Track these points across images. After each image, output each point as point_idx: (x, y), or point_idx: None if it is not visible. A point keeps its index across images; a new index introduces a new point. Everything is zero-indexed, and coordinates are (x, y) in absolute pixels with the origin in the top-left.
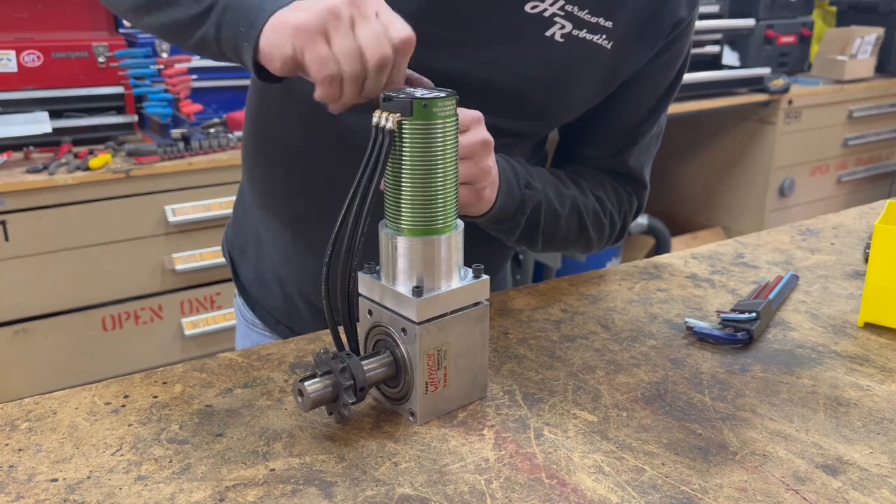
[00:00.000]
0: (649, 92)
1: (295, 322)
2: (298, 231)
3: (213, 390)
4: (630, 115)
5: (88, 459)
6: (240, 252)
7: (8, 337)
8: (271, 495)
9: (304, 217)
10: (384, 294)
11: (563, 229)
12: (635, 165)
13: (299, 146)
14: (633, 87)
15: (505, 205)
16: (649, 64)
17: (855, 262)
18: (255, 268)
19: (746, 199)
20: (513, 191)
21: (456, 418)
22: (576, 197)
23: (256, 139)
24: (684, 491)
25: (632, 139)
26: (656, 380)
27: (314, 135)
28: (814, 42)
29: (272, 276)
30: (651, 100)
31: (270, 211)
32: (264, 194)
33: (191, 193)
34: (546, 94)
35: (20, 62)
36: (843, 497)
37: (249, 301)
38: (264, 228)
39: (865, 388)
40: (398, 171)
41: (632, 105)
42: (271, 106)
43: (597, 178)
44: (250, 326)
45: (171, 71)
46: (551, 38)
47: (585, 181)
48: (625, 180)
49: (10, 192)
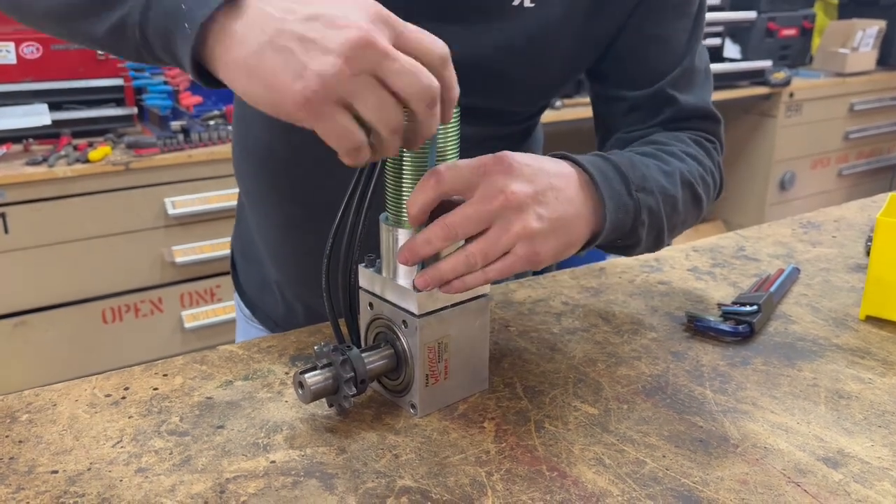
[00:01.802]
0: (670, 24)
1: (291, 326)
2: (290, 234)
3: (213, 382)
4: (666, 55)
5: (89, 451)
6: (241, 256)
7: (8, 329)
8: (272, 487)
9: (295, 220)
10: (385, 287)
11: (682, 214)
12: (700, 103)
13: (284, 153)
14: (647, 27)
15: (618, 223)
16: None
17: (856, 255)
18: (254, 273)
19: (747, 192)
20: (622, 202)
21: (457, 410)
22: (681, 170)
23: (242, 144)
24: (685, 483)
25: (685, 79)
26: (657, 372)
27: (298, 142)
28: (815, 35)
29: (271, 281)
30: (678, 30)
31: (262, 214)
32: (254, 198)
33: (190, 186)
34: (526, 62)
35: (19, 54)
36: (845, 489)
37: (248, 302)
38: (258, 232)
39: (867, 381)
40: (399, 164)
41: (662, 46)
42: (252, 112)
43: (675, 136)
44: (250, 322)
45: None
46: (520, 6)
47: (672, 144)
48: (697, 123)
49: (10, 184)
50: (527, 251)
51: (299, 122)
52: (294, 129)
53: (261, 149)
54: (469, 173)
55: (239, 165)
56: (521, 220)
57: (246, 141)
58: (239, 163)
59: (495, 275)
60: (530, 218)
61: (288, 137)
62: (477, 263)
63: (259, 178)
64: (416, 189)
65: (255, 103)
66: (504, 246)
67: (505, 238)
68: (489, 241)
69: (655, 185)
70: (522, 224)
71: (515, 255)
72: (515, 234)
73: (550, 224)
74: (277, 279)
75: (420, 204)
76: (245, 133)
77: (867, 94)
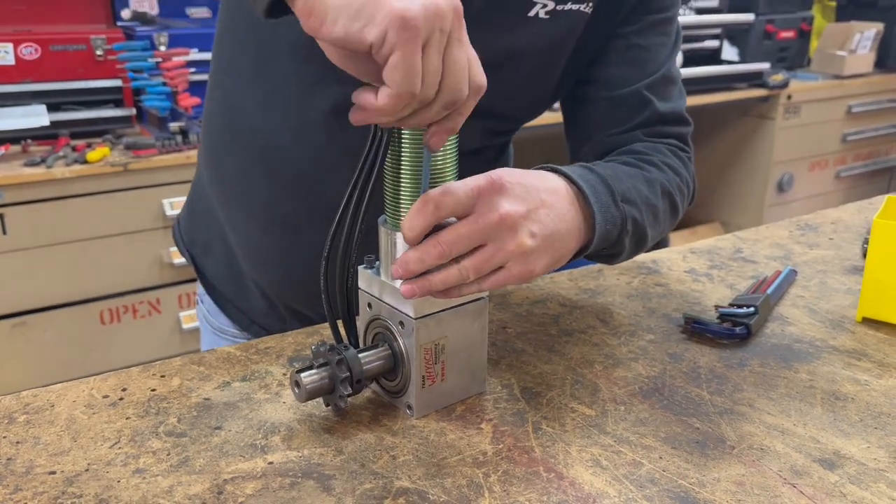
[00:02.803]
0: (652, 39)
1: (274, 323)
2: (280, 235)
3: (210, 383)
4: (647, 63)
5: (86, 452)
6: (202, 249)
7: (6, 330)
8: (269, 488)
9: (289, 219)
10: (383, 289)
11: (661, 224)
12: (675, 108)
13: (284, 144)
14: (633, 38)
15: (605, 234)
16: (634, 10)
17: (853, 257)
18: (225, 264)
19: (745, 194)
20: (609, 214)
21: (454, 412)
22: (661, 181)
23: (227, 133)
24: (682, 485)
25: (663, 85)
26: (654, 374)
27: (303, 133)
28: (813, 37)
29: (247, 278)
30: (658, 45)
31: (243, 212)
32: (236, 194)
33: (189, 187)
34: (533, 70)
35: (18, 55)
36: (840, 491)
37: (219, 299)
38: (233, 230)
39: (863, 382)
40: (397, 167)
41: (645, 54)
42: (247, 97)
43: (654, 147)
44: (218, 334)
45: (170, 64)
46: (535, 17)
47: (651, 155)
48: (672, 129)
49: (8, 185)
50: (520, 269)
51: (362, 46)
52: (302, 121)
53: (256, 138)
54: (464, 197)
55: (217, 157)
56: (515, 239)
57: (235, 129)
58: (217, 154)
59: (488, 287)
60: (524, 236)
61: (293, 129)
62: (469, 277)
63: (248, 171)
64: (411, 213)
65: (335, 8)
66: (497, 263)
67: (499, 256)
68: (483, 258)
69: (639, 196)
70: (516, 243)
71: (509, 271)
72: (509, 252)
73: (543, 241)
74: (256, 279)
75: (418, 229)
76: (235, 120)
77: (865, 97)
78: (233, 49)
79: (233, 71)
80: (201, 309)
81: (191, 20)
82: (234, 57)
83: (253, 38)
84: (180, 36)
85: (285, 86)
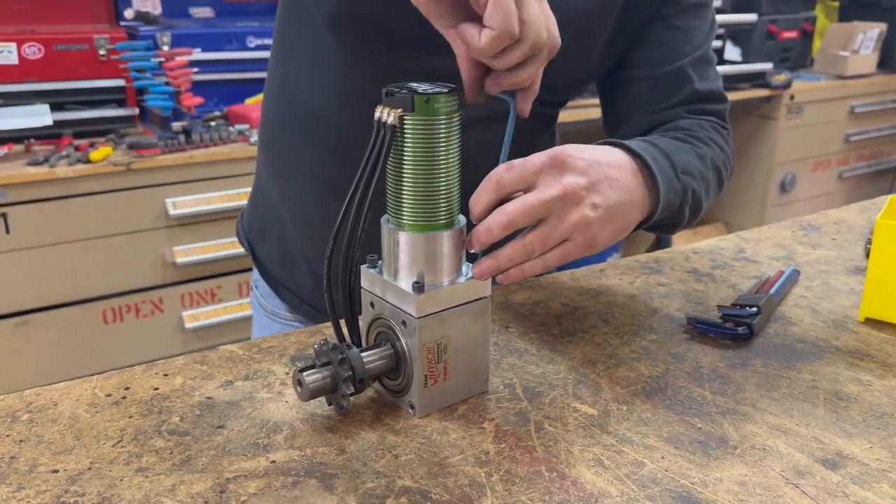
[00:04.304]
0: (690, 21)
1: (319, 300)
2: (329, 200)
3: (213, 382)
4: (686, 43)
5: (89, 451)
6: (258, 235)
7: (9, 329)
8: (272, 487)
9: (336, 184)
10: (386, 289)
11: (711, 195)
12: (713, 87)
13: (331, 114)
14: (671, 19)
15: (668, 204)
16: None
17: (856, 257)
18: (277, 247)
19: (748, 194)
20: (672, 185)
21: (456, 411)
22: (710, 155)
23: (281, 110)
24: (684, 484)
25: (702, 65)
26: (657, 374)
27: (347, 101)
28: (816, 37)
29: (297, 254)
30: (696, 27)
31: (296, 185)
32: (287, 167)
33: (192, 186)
34: (570, 42)
35: (21, 54)
36: (843, 491)
37: (272, 283)
38: (287, 207)
39: (866, 383)
40: (400, 166)
41: (684, 35)
42: (300, 74)
43: (698, 124)
44: (271, 317)
45: (172, 64)
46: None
47: (698, 131)
48: (711, 106)
49: (11, 184)
50: (584, 238)
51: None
52: (347, 90)
53: (307, 113)
54: (526, 173)
55: (273, 136)
56: (578, 210)
57: (289, 107)
58: (274, 134)
59: (554, 262)
60: (586, 208)
61: (339, 99)
62: (535, 251)
63: (299, 145)
64: (478, 191)
65: None
66: (561, 235)
67: (562, 227)
68: (546, 231)
69: (695, 168)
70: (580, 214)
71: (574, 241)
72: (572, 223)
73: (606, 212)
74: (305, 252)
75: (483, 204)
76: (289, 99)
77: (868, 97)
78: (286, 29)
79: (288, 51)
80: (255, 294)
81: (194, 20)
82: (289, 38)
83: (299, 14)
84: (183, 36)
85: (331, 57)
